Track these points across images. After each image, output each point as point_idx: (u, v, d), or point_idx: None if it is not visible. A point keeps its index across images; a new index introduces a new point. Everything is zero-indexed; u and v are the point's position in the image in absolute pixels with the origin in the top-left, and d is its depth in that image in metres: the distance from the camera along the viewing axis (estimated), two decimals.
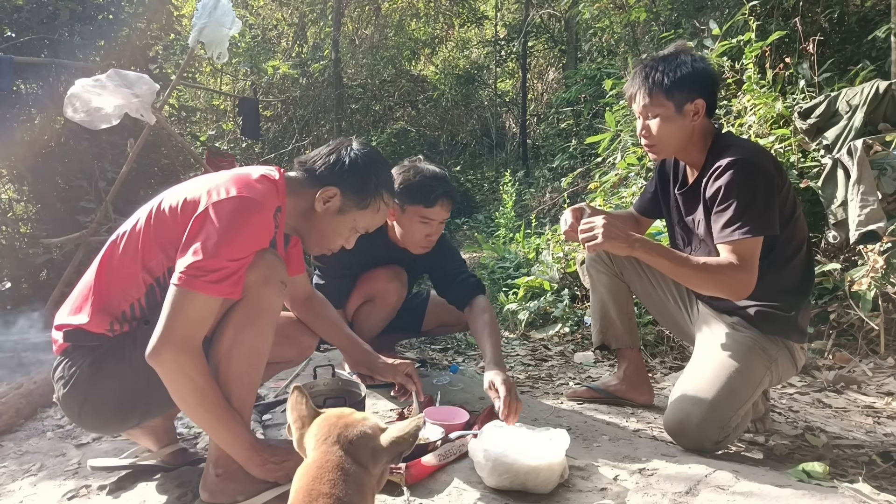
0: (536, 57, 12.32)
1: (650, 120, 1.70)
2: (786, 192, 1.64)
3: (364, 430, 0.92)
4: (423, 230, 2.04)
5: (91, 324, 1.28)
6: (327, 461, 0.87)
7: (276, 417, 1.95)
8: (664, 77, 1.65)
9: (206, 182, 1.31)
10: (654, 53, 1.75)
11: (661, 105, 1.67)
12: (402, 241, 2.10)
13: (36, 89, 4.12)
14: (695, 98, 1.65)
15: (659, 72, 1.66)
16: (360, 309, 2.28)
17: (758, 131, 3.14)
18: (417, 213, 2.00)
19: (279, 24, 11.10)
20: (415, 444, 0.96)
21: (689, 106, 1.65)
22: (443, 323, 2.55)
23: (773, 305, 1.65)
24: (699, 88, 1.65)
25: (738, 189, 1.55)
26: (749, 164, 1.56)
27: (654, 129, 1.70)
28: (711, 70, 1.70)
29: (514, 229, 6.02)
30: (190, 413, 1.24)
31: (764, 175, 1.56)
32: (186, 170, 4.61)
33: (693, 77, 1.64)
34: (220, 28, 3.51)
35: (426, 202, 1.98)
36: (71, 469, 1.61)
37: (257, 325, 1.27)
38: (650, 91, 1.67)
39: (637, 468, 1.42)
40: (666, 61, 1.67)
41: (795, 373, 1.76)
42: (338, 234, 1.48)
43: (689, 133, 1.69)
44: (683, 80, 1.63)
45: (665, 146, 1.72)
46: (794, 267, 1.67)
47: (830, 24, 5.06)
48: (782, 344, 1.66)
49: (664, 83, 1.65)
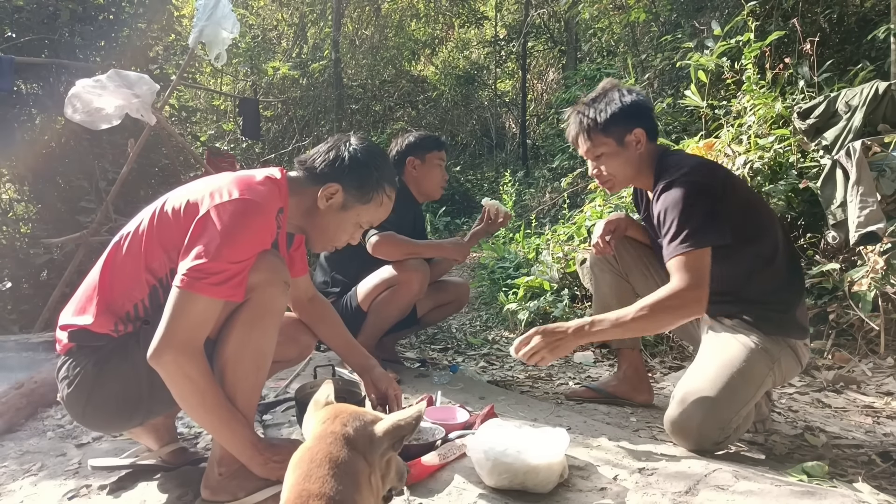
0: (536, 57, 12.33)
1: (598, 160, 1.79)
2: (736, 200, 1.65)
3: (363, 419, 0.93)
4: (440, 172, 2.53)
5: (95, 324, 1.29)
6: (319, 451, 0.86)
7: (276, 417, 1.95)
8: (597, 116, 1.74)
9: (208, 184, 1.31)
10: (584, 97, 1.83)
11: (602, 143, 1.76)
12: (427, 191, 2.54)
13: (36, 89, 4.12)
14: (633, 128, 1.73)
15: (592, 112, 1.76)
16: (380, 297, 2.30)
17: (757, 131, 3.15)
18: (435, 158, 2.51)
19: (279, 24, 11.10)
20: (417, 427, 0.95)
21: (629, 137, 1.74)
22: (439, 303, 2.57)
23: (768, 306, 1.66)
24: (634, 119, 1.73)
25: (673, 208, 1.60)
26: (680, 183, 1.61)
27: (603, 168, 1.79)
28: (641, 100, 1.77)
29: (514, 229, 6.03)
30: (192, 413, 1.25)
31: (698, 189, 1.60)
32: (187, 170, 4.61)
33: (624, 111, 1.73)
34: (219, 30, 3.51)
35: (438, 147, 2.53)
36: (71, 469, 1.61)
37: (262, 327, 1.28)
38: (588, 133, 1.77)
39: (637, 468, 1.43)
40: (596, 102, 1.77)
41: (800, 370, 1.75)
42: (342, 231, 1.48)
43: (636, 162, 1.76)
44: (616, 116, 1.73)
45: (618, 180, 1.81)
46: (777, 266, 1.68)
47: (830, 25, 5.06)
48: (784, 343, 1.66)
49: (598, 123, 1.74)
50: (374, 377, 1.65)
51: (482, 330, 3.89)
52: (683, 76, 5.48)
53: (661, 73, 6.11)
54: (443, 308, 2.63)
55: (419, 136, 2.54)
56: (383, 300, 2.30)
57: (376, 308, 2.31)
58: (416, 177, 2.50)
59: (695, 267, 1.54)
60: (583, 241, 3.97)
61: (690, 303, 1.53)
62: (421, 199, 2.59)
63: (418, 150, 2.49)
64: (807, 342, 1.72)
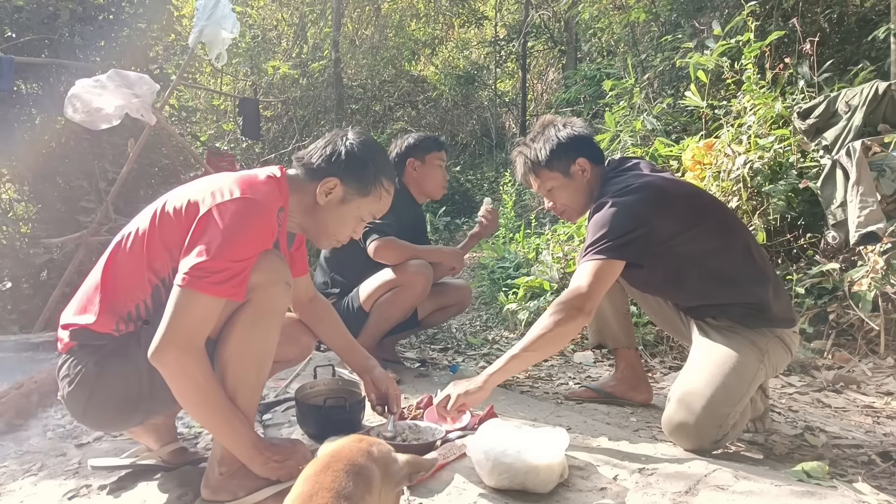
0: (536, 57, 12.31)
1: (550, 193, 1.88)
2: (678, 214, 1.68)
3: (387, 448, 0.98)
4: (441, 173, 2.54)
5: (97, 323, 1.29)
6: (340, 452, 0.90)
7: (276, 417, 1.95)
8: (538, 155, 1.83)
9: (209, 183, 1.31)
10: (524, 139, 1.92)
11: (549, 178, 1.85)
12: (429, 191, 2.55)
13: (36, 89, 4.11)
14: (575, 159, 1.81)
15: (533, 152, 1.84)
16: (383, 298, 2.30)
17: (757, 131, 3.14)
18: (435, 159, 2.51)
19: (279, 24, 11.09)
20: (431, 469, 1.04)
21: (573, 167, 1.83)
22: (441, 305, 2.57)
23: (742, 305, 1.68)
24: (574, 150, 1.82)
25: (594, 223, 1.67)
26: (603, 205, 1.67)
27: (557, 199, 1.89)
28: (577, 132, 1.85)
29: (514, 229, 6.02)
30: (192, 412, 1.25)
31: (623, 207, 1.64)
32: (187, 170, 4.61)
33: (562, 146, 1.81)
34: (219, 30, 3.51)
35: (437, 148, 2.54)
36: (71, 469, 1.62)
37: (264, 326, 1.28)
38: (535, 171, 1.86)
39: (637, 468, 1.43)
40: (535, 142, 1.86)
41: (791, 358, 1.77)
42: (344, 225, 1.48)
43: (585, 189, 1.85)
44: (558, 150, 1.81)
45: (574, 209, 1.90)
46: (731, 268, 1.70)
47: (830, 25, 5.06)
48: (771, 333, 1.68)
49: (541, 161, 1.83)
50: (375, 378, 1.65)
51: (482, 330, 3.89)
52: (683, 76, 5.47)
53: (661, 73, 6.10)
54: (444, 310, 2.62)
55: (418, 137, 2.56)
56: (386, 301, 2.30)
57: (378, 309, 2.31)
58: (417, 178, 2.51)
59: (591, 274, 1.59)
60: (582, 241, 3.97)
61: (572, 310, 1.57)
62: (421, 200, 2.60)
63: (418, 151, 2.50)
64: (795, 330, 1.74)
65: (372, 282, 2.33)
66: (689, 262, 1.70)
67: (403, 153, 2.50)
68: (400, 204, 1.60)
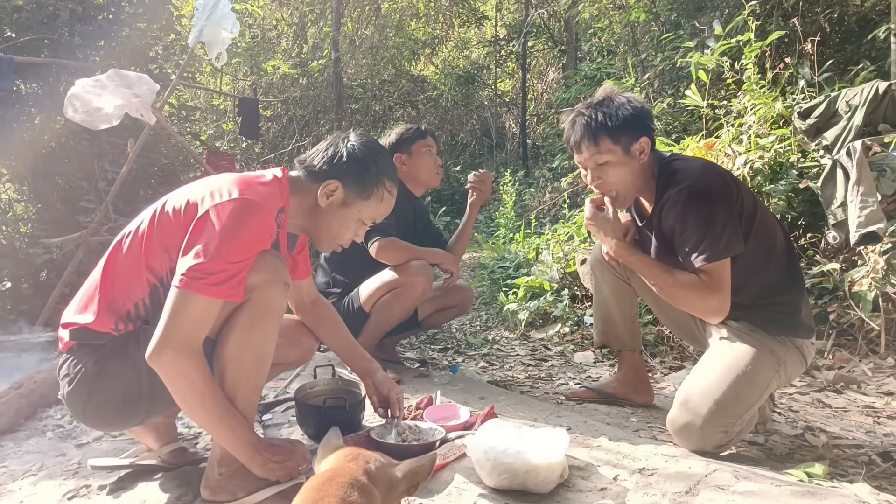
0: (536, 57, 12.32)
1: (600, 168, 1.68)
2: (743, 202, 1.63)
3: (383, 461, 0.97)
4: (431, 159, 2.50)
5: (96, 323, 1.29)
6: (343, 470, 0.90)
7: (276, 417, 1.95)
8: (607, 121, 1.63)
9: (209, 184, 1.31)
10: (586, 100, 1.73)
11: (609, 150, 1.65)
12: (424, 180, 2.52)
13: (36, 89, 4.11)
14: (639, 137, 1.65)
15: (601, 116, 1.64)
16: (383, 298, 2.29)
17: (757, 131, 3.14)
18: (422, 147, 2.47)
19: (279, 24, 11.09)
20: (431, 472, 1.01)
21: (635, 146, 1.65)
22: (441, 306, 2.56)
23: (774, 308, 1.64)
24: (641, 127, 1.66)
25: (692, 217, 1.56)
26: (698, 189, 1.57)
27: (607, 177, 1.68)
28: (647, 107, 1.71)
29: (514, 229, 6.03)
30: (191, 413, 1.25)
31: (715, 196, 1.57)
32: (186, 170, 4.61)
33: (635, 117, 1.65)
34: (219, 30, 3.51)
35: (421, 136, 2.49)
36: (71, 469, 1.61)
37: (263, 327, 1.28)
38: (594, 137, 1.65)
39: (637, 468, 1.43)
40: (604, 106, 1.66)
41: (805, 369, 1.74)
42: (345, 227, 1.47)
43: (640, 173, 1.69)
44: (627, 122, 1.64)
45: (624, 194, 1.72)
46: (780, 268, 1.66)
47: (830, 24, 5.06)
48: (791, 343, 1.64)
49: (608, 127, 1.63)
50: (376, 380, 1.65)
51: (482, 330, 3.89)
52: (683, 76, 5.48)
53: (662, 73, 6.10)
54: (445, 311, 2.61)
55: (400, 131, 2.52)
56: (386, 302, 2.29)
57: (379, 310, 2.30)
58: (408, 171, 2.48)
59: (719, 277, 1.56)
60: (583, 241, 3.97)
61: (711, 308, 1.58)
62: (419, 192, 2.58)
63: (402, 144, 2.48)
64: (813, 341, 1.71)
65: (372, 282, 2.33)
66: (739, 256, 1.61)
67: (389, 151, 2.46)
68: (398, 202, 1.60)
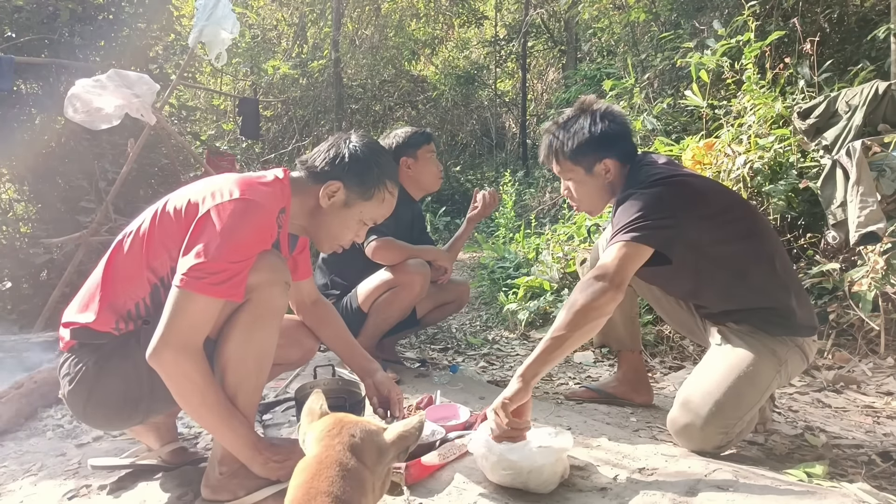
0: (536, 57, 12.32)
1: (568, 181, 1.77)
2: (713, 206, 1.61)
3: (369, 428, 0.94)
4: (434, 164, 2.52)
5: (97, 322, 1.29)
6: (328, 457, 0.88)
7: (276, 417, 1.95)
8: (563, 146, 1.70)
9: (210, 184, 1.31)
10: (557, 118, 1.77)
11: (570, 170, 1.73)
12: (426, 185, 2.53)
13: (36, 89, 4.12)
14: (602, 158, 1.68)
15: (559, 140, 1.70)
16: (381, 298, 2.30)
17: (757, 131, 3.14)
18: (427, 152, 2.49)
19: (279, 24, 11.09)
20: (419, 437, 0.97)
21: (598, 167, 1.69)
22: (439, 303, 2.56)
23: (771, 311, 1.64)
24: (604, 149, 1.67)
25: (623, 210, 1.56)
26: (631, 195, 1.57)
27: (573, 192, 1.77)
28: (612, 128, 1.68)
29: (514, 229, 6.03)
30: (192, 413, 1.25)
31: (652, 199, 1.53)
32: (186, 170, 4.61)
33: (591, 142, 1.66)
34: (219, 30, 3.51)
35: (427, 140, 2.50)
36: (71, 469, 1.62)
37: (264, 327, 1.28)
38: (556, 158, 1.74)
39: (637, 468, 1.43)
40: (565, 129, 1.71)
41: (805, 366, 1.73)
42: (346, 228, 1.48)
43: (603, 191, 1.73)
44: (586, 146, 1.67)
45: (589, 207, 1.79)
46: (763, 272, 1.64)
47: (830, 25, 5.06)
48: (792, 343, 1.63)
49: (565, 152, 1.70)
50: (377, 381, 1.65)
51: (482, 330, 3.89)
52: (683, 76, 5.47)
53: (661, 73, 6.10)
54: (443, 308, 2.62)
55: (406, 134, 2.51)
56: (384, 301, 2.30)
57: (377, 309, 2.31)
58: (413, 175, 2.48)
59: (618, 254, 1.46)
60: (583, 241, 3.97)
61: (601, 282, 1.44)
62: (419, 196, 2.58)
63: (409, 148, 2.47)
64: (815, 338, 1.70)
65: (370, 282, 2.33)
66: (716, 264, 1.62)
67: (395, 153, 2.45)
68: (398, 205, 1.60)
